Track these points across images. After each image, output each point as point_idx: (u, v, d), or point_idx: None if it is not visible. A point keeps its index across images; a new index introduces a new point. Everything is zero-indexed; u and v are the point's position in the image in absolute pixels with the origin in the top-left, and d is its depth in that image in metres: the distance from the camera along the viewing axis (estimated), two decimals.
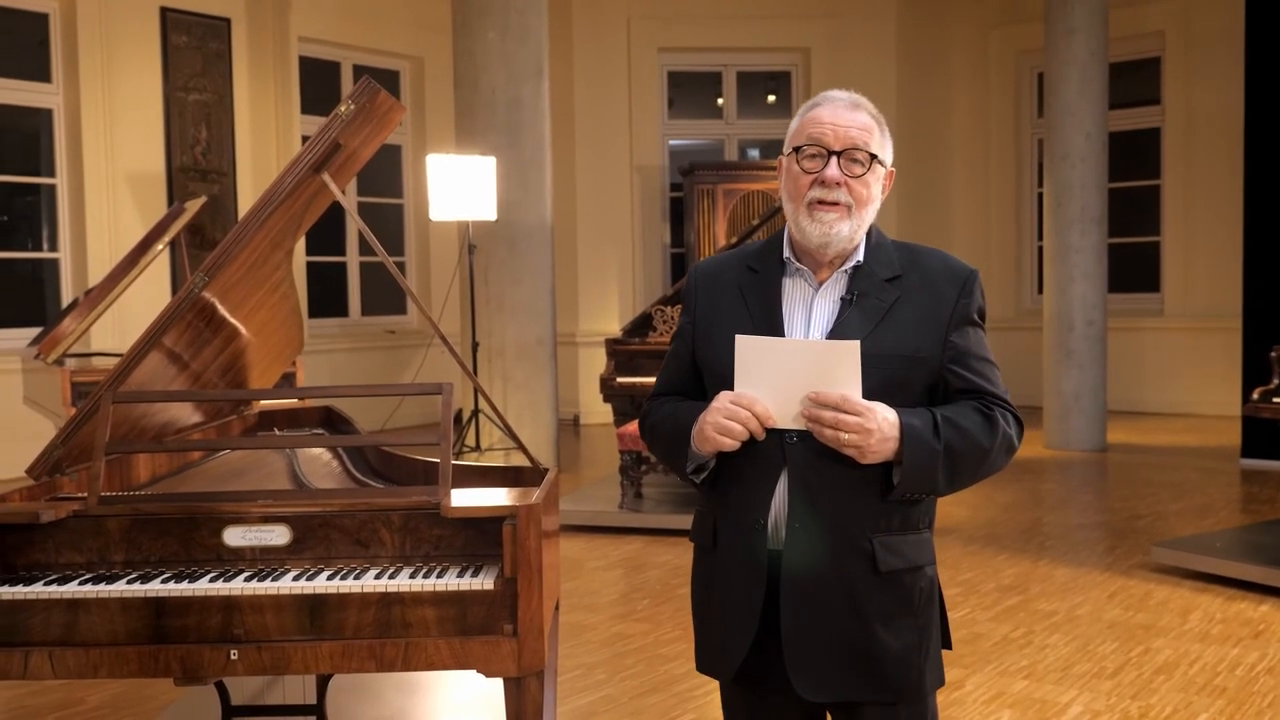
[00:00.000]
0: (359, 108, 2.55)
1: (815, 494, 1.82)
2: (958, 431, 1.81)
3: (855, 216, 1.85)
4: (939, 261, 1.93)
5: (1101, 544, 5.80)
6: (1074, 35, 8.57)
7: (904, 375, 1.84)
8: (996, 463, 1.87)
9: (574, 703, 3.71)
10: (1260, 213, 7.84)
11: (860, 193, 1.85)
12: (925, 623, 1.90)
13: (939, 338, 1.86)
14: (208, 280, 2.52)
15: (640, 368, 6.96)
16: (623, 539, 6.01)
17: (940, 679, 1.95)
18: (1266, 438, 7.34)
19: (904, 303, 1.87)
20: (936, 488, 1.83)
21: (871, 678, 1.85)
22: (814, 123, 1.86)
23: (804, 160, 1.86)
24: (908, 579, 1.87)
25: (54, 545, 2.28)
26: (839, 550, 1.82)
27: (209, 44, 8.78)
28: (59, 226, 8.19)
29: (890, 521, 1.85)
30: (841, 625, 1.83)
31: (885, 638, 1.85)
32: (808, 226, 1.85)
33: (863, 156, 1.84)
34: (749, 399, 1.78)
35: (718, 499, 1.93)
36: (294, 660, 2.19)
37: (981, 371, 1.89)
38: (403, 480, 2.88)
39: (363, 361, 9.90)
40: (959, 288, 1.89)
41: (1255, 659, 4.03)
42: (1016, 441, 1.89)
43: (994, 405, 1.87)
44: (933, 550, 1.93)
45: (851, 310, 1.86)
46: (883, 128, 1.89)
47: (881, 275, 1.88)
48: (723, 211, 9.93)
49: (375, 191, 10.29)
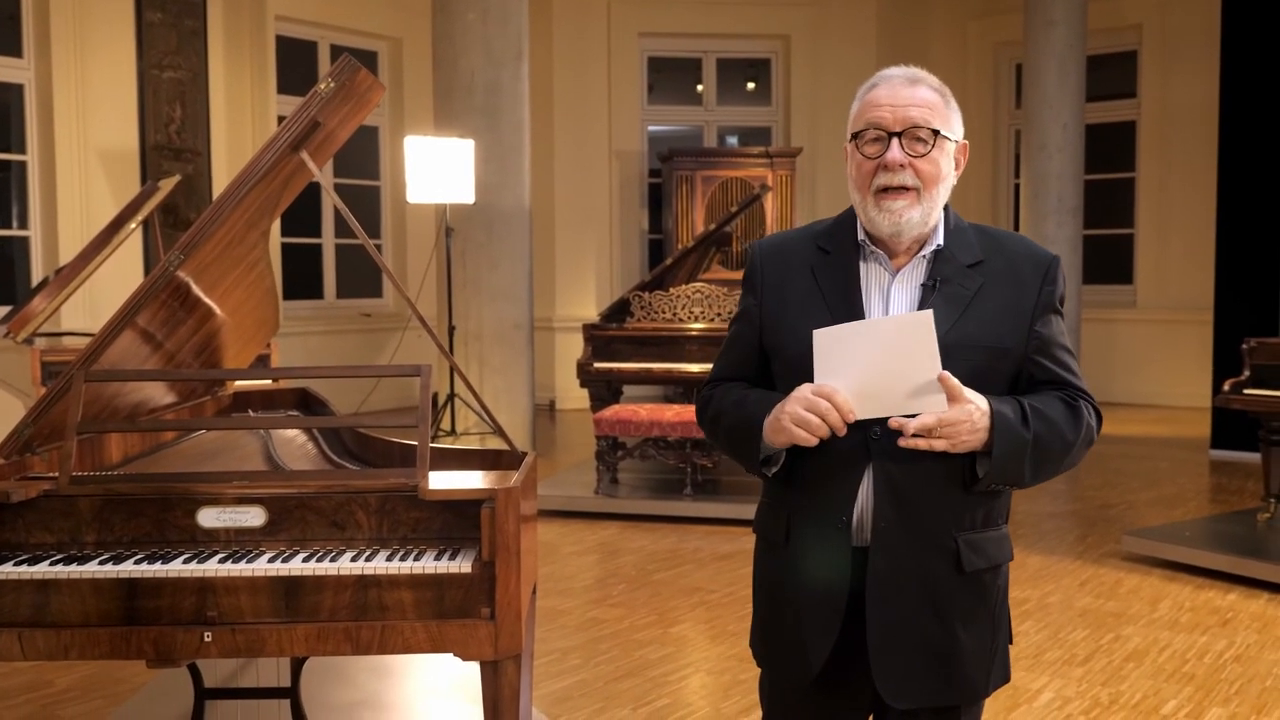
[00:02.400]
0: (339, 85, 2.52)
1: (902, 491, 1.74)
2: (1045, 422, 1.75)
3: (926, 199, 1.76)
4: (1022, 247, 1.85)
5: (1073, 533, 5.85)
6: (1053, 27, 8.61)
7: (989, 365, 1.76)
8: (1078, 455, 1.81)
9: (549, 687, 3.71)
10: (1234, 206, 7.91)
11: (928, 172, 1.75)
12: (999, 622, 1.86)
13: (1024, 327, 1.79)
14: (183, 259, 2.49)
15: (617, 353, 6.96)
16: (598, 524, 6.01)
17: (1005, 676, 1.90)
18: (1236, 429, 7.41)
19: (987, 290, 1.78)
20: (1022, 479, 1.76)
21: (949, 681, 1.80)
22: (871, 105, 1.77)
23: (865, 146, 1.77)
24: (988, 578, 1.82)
25: (24, 525, 2.25)
26: (925, 550, 1.76)
27: (184, 21, 8.67)
28: (30, 204, 8.08)
29: (974, 517, 1.80)
30: (925, 627, 1.78)
31: (964, 639, 1.80)
32: (876, 217, 1.77)
33: (925, 134, 1.75)
34: (829, 390, 1.70)
35: (793, 494, 1.84)
36: (269, 643, 2.17)
37: (1064, 362, 1.83)
38: (379, 463, 2.86)
39: (338, 344, 9.84)
40: (1042, 275, 1.81)
41: (1223, 646, 4.07)
42: (1096, 435, 1.84)
43: (1079, 397, 1.81)
44: (1010, 547, 1.88)
45: (935, 298, 1.77)
46: (948, 99, 1.81)
47: (963, 261, 1.80)
48: (701, 198, 9.93)
49: (352, 173, 10.22)
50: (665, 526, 5.94)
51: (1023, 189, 9.05)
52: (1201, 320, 8.87)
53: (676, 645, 4.13)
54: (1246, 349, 5.48)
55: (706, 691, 3.69)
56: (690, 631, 4.28)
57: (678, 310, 6.95)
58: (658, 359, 6.85)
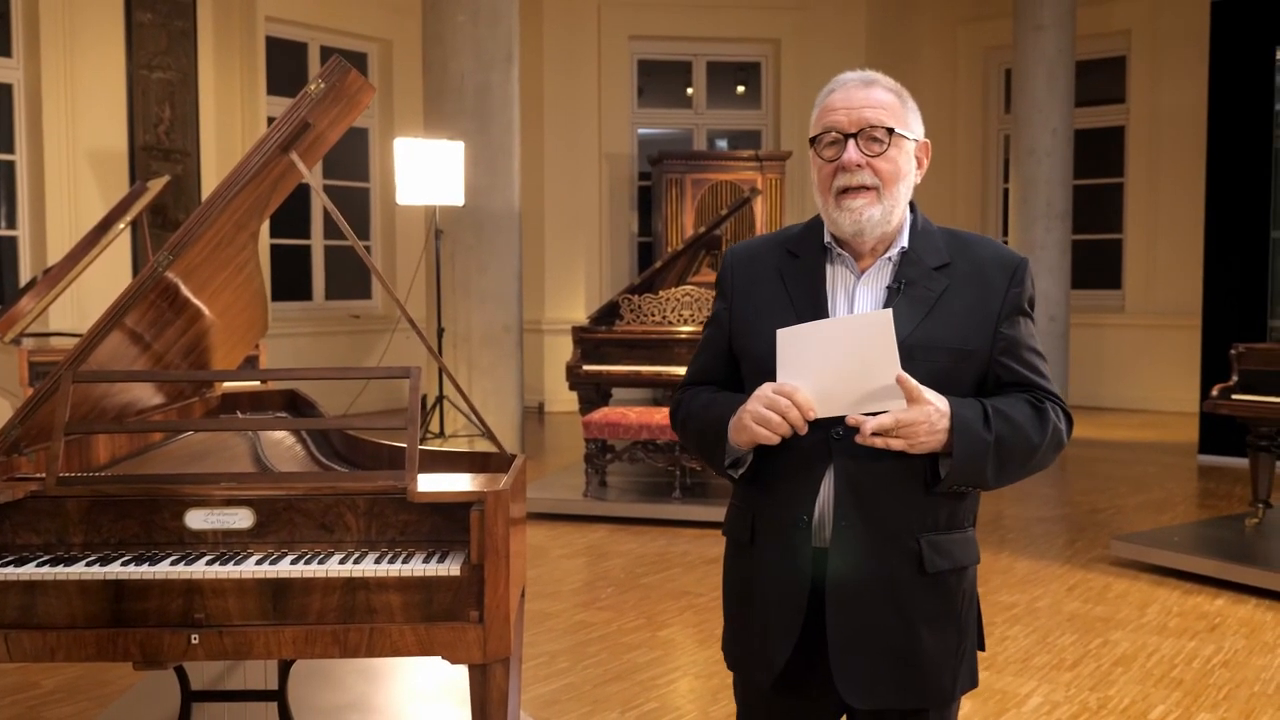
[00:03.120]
0: (329, 86, 2.51)
1: (863, 491, 1.75)
2: (1009, 424, 1.75)
3: (886, 197, 1.78)
4: (988, 249, 1.86)
5: (1061, 537, 5.86)
6: (1042, 32, 8.64)
7: (953, 368, 1.77)
8: (1046, 458, 1.81)
9: (536, 690, 3.70)
10: (1221, 212, 7.94)
11: (886, 170, 1.77)
12: (966, 625, 1.85)
13: (989, 329, 1.79)
14: (171, 259, 2.48)
15: (607, 356, 6.95)
16: (587, 527, 6.01)
17: (973, 681, 1.89)
18: (1224, 434, 7.44)
19: (953, 292, 1.79)
20: (985, 481, 1.76)
21: (914, 682, 1.79)
22: (828, 110, 1.81)
23: (823, 149, 1.80)
24: (952, 580, 1.81)
25: (10, 526, 2.24)
26: (886, 550, 1.76)
27: (174, 21, 8.65)
28: (18, 204, 8.05)
29: (938, 519, 1.79)
30: (887, 629, 1.77)
31: (928, 641, 1.79)
32: (838, 217, 1.79)
33: (881, 133, 1.77)
34: (790, 388, 1.71)
35: (757, 494, 1.85)
36: (256, 645, 2.17)
37: (1032, 364, 1.82)
38: (367, 465, 2.85)
39: (326, 346, 9.82)
40: (1009, 277, 1.82)
41: (1211, 651, 4.09)
42: (1065, 438, 1.83)
43: (1045, 399, 1.81)
44: (977, 549, 1.87)
45: (899, 299, 1.78)
46: (903, 98, 1.82)
47: (929, 263, 1.81)
48: (691, 201, 9.93)
49: (342, 175, 10.20)
50: (654, 529, 5.94)
51: (1012, 194, 9.07)
52: (1190, 325, 8.90)
53: (665, 649, 4.12)
54: (1235, 354, 5.50)
55: (695, 695, 3.69)
56: (679, 635, 4.27)
57: (667, 313, 6.95)
58: (647, 362, 6.84)
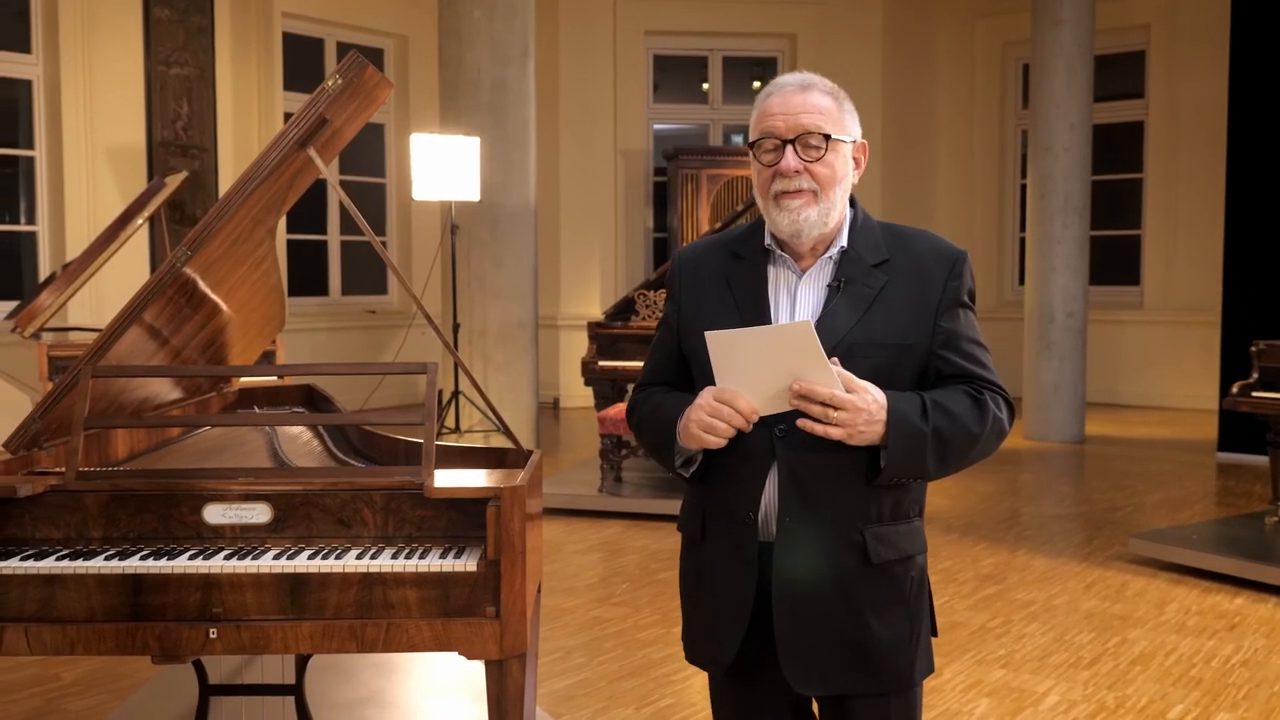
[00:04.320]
0: (346, 82, 2.52)
1: (806, 486, 1.79)
2: (946, 415, 1.78)
3: (824, 199, 1.80)
4: (926, 243, 1.88)
5: (1079, 535, 5.84)
6: (1060, 27, 8.58)
7: (893, 363, 1.80)
8: (988, 447, 1.84)
9: (552, 686, 3.70)
10: (1241, 208, 7.89)
11: (823, 175, 1.80)
12: (916, 612, 1.88)
13: (928, 323, 1.82)
14: (189, 255, 2.48)
15: (622, 351, 6.95)
16: (602, 523, 6.01)
17: (930, 667, 1.93)
18: (1243, 432, 7.39)
19: (892, 288, 1.82)
20: (925, 472, 1.80)
21: (864, 669, 1.84)
22: (765, 115, 1.83)
23: (762, 155, 1.83)
24: (899, 569, 1.85)
25: (31, 520, 2.25)
26: (831, 543, 1.80)
27: (191, 17, 8.68)
28: (37, 199, 8.09)
29: (881, 510, 1.83)
30: (834, 618, 1.81)
31: (878, 629, 1.83)
32: (777, 217, 1.82)
33: (817, 139, 1.79)
34: (731, 394, 1.75)
35: (706, 492, 1.90)
36: (273, 640, 2.17)
37: (971, 354, 1.85)
38: (384, 460, 2.85)
39: (342, 341, 9.84)
40: (948, 270, 1.84)
41: (1230, 651, 4.06)
42: (1008, 425, 1.85)
43: (984, 389, 1.83)
44: (924, 539, 1.91)
45: (839, 297, 1.81)
46: (840, 101, 1.84)
47: (868, 260, 1.84)
48: (706, 197, 9.91)
49: (358, 170, 10.22)
50: (669, 525, 5.93)
51: (1029, 189, 9.02)
52: (1209, 322, 8.84)
53: (680, 645, 4.11)
54: (1255, 351, 5.46)
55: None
56: None
57: None
58: None
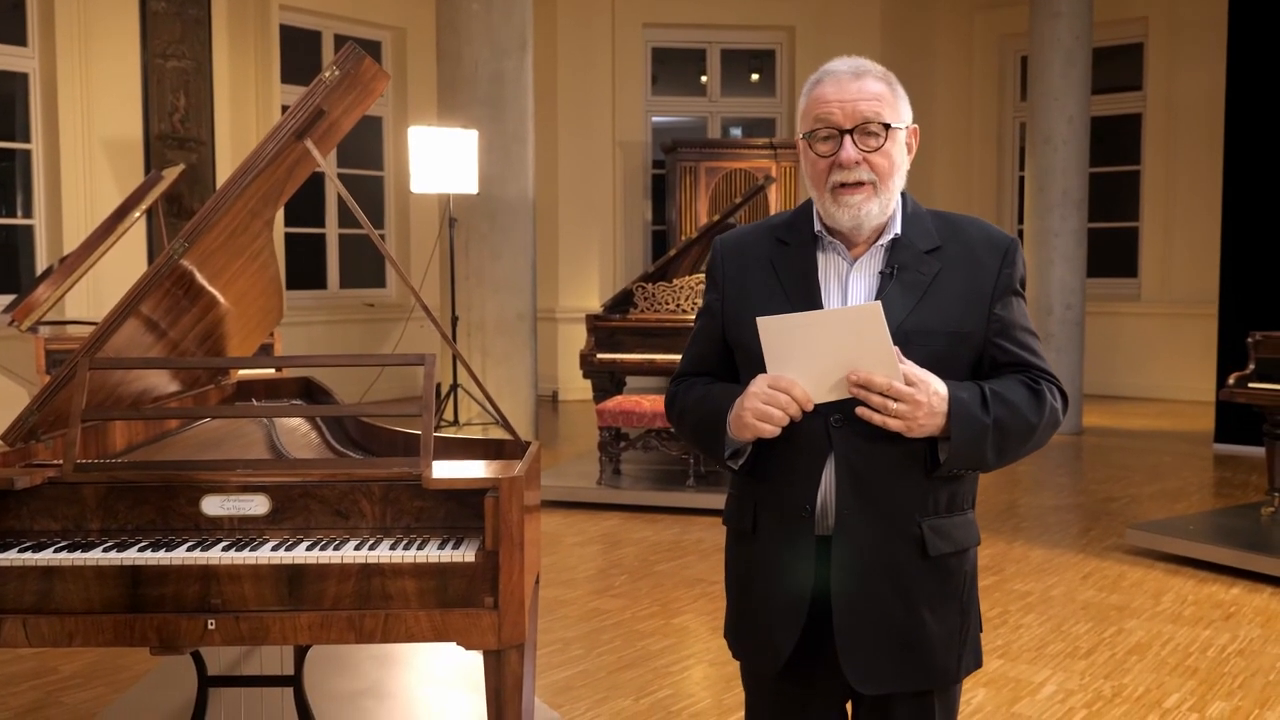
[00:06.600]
0: (344, 73, 2.51)
1: (864, 478, 1.75)
2: (1006, 406, 1.74)
3: (883, 191, 1.76)
4: (978, 230, 1.85)
5: (1076, 526, 5.85)
6: (1058, 19, 8.57)
7: (949, 351, 1.76)
8: (1043, 437, 1.81)
9: (551, 677, 3.71)
10: (1239, 200, 7.89)
11: (882, 165, 1.76)
12: (968, 605, 1.86)
13: (983, 311, 1.79)
14: (187, 247, 2.49)
15: (621, 344, 6.95)
16: (600, 515, 6.01)
17: (977, 661, 1.89)
18: (1240, 423, 7.40)
19: (945, 275, 1.79)
20: (985, 464, 1.76)
21: (919, 666, 1.80)
22: (819, 102, 1.77)
23: (817, 144, 1.77)
24: (954, 562, 1.82)
25: (28, 512, 2.25)
26: (889, 536, 1.76)
27: (188, 10, 8.65)
28: (34, 192, 8.08)
29: (938, 503, 1.80)
30: (892, 614, 1.78)
31: (931, 624, 1.80)
32: (836, 212, 1.77)
33: (877, 128, 1.74)
34: (787, 382, 1.70)
35: (759, 485, 1.85)
36: (272, 631, 2.18)
37: (1026, 344, 1.82)
38: (382, 451, 2.86)
39: (341, 334, 9.84)
40: (1000, 257, 1.81)
41: (1226, 640, 4.07)
42: (1061, 416, 1.83)
43: (1040, 379, 1.81)
44: (977, 531, 1.88)
45: (892, 285, 1.77)
46: (894, 87, 1.79)
47: (921, 247, 1.80)
48: (705, 189, 9.91)
49: (356, 163, 10.20)
50: (668, 517, 5.94)
51: (1027, 182, 9.02)
52: (1206, 314, 8.85)
53: (679, 636, 4.13)
54: (1252, 342, 5.47)
55: (708, 682, 3.69)
56: (692, 622, 4.28)
57: (681, 301, 6.94)
58: (661, 350, 6.84)
